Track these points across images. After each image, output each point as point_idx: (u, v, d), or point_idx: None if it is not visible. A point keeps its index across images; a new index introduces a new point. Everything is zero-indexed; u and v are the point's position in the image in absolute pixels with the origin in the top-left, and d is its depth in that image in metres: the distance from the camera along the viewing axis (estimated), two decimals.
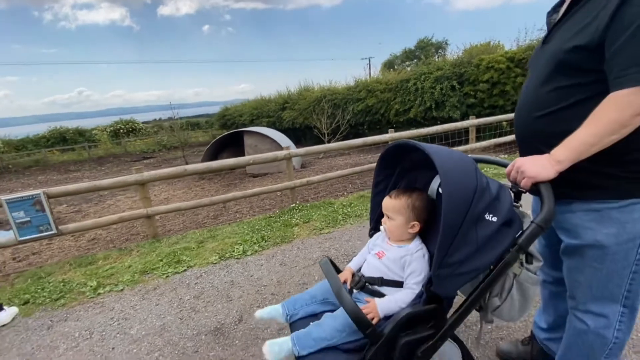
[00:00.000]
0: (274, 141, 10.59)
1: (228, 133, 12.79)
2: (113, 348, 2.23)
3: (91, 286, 3.10)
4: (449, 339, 1.42)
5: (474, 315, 2.13)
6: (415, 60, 26.73)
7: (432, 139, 6.37)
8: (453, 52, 15.08)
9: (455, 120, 9.74)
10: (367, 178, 6.92)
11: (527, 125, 1.24)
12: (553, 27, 1.17)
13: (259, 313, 1.30)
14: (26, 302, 2.97)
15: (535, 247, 1.16)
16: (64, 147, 24.78)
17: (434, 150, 1.04)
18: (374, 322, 1.06)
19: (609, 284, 1.18)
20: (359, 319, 1.01)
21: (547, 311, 1.64)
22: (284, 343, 1.11)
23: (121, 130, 27.18)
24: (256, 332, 2.21)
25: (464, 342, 1.45)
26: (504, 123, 8.42)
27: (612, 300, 1.20)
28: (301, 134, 17.45)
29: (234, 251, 3.56)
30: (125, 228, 5.83)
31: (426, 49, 28.84)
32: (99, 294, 2.98)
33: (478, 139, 7.28)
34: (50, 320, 2.66)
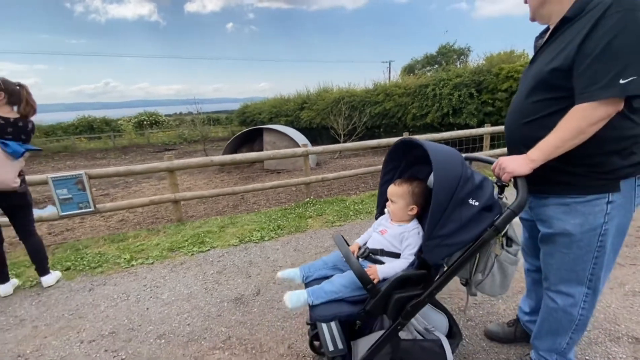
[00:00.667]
0: (291, 139, 10.88)
1: (249, 129, 13.19)
2: (147, 308, 2.55)
3: (125, 258, 3.46)
4: (439, 310, 1.67)
5: (464, 299, 2.36)
6: (436, 66, 26.51)
7: (445, 144, 6.51)
8: (474, 60, 14.92)
9: (472, 128, 9.81)
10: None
11: (514, 131, 1.48)
12: (538, 51, 1.40)
13: (280, 273, 1.58)
14: (68, 269, 3.35)
15: (518, 235, 1.39)
16: (91, 135, 25.90)
17: (430, 145, 1.29)
18: (374, 282, 1.32)
19: (576, 268, 1.40)
20: (362, 276, 1.27)
21: (529, 296, 1.87)
22: (301, 294, 1.38)
23: (145, 122, 28.20)
24: (272, 303, 2.50)
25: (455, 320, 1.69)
26: None
27: (578, 282, 1.42)
28: (317, 134, 17.68)
29: (252, 236, 3.87)
30: (151, 212, 6.24)
31: (447, 55, 28.57)
32: (132, 265, 3.33)
33: (492, 146, 7.37)
34: (91, 284, 3.01)
